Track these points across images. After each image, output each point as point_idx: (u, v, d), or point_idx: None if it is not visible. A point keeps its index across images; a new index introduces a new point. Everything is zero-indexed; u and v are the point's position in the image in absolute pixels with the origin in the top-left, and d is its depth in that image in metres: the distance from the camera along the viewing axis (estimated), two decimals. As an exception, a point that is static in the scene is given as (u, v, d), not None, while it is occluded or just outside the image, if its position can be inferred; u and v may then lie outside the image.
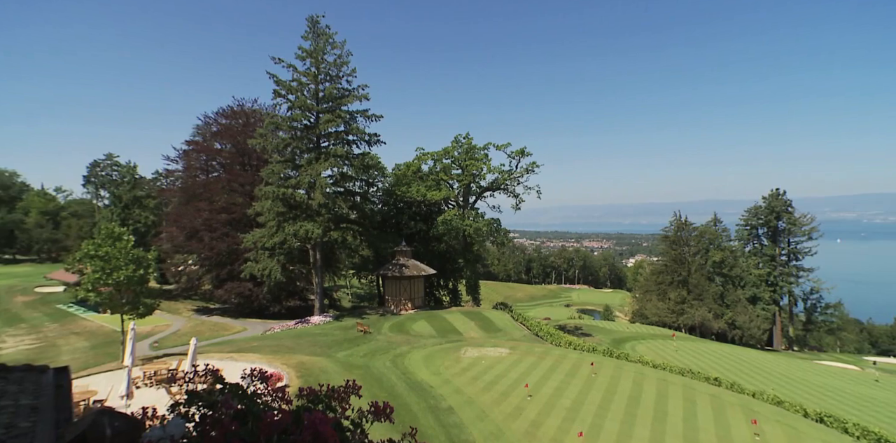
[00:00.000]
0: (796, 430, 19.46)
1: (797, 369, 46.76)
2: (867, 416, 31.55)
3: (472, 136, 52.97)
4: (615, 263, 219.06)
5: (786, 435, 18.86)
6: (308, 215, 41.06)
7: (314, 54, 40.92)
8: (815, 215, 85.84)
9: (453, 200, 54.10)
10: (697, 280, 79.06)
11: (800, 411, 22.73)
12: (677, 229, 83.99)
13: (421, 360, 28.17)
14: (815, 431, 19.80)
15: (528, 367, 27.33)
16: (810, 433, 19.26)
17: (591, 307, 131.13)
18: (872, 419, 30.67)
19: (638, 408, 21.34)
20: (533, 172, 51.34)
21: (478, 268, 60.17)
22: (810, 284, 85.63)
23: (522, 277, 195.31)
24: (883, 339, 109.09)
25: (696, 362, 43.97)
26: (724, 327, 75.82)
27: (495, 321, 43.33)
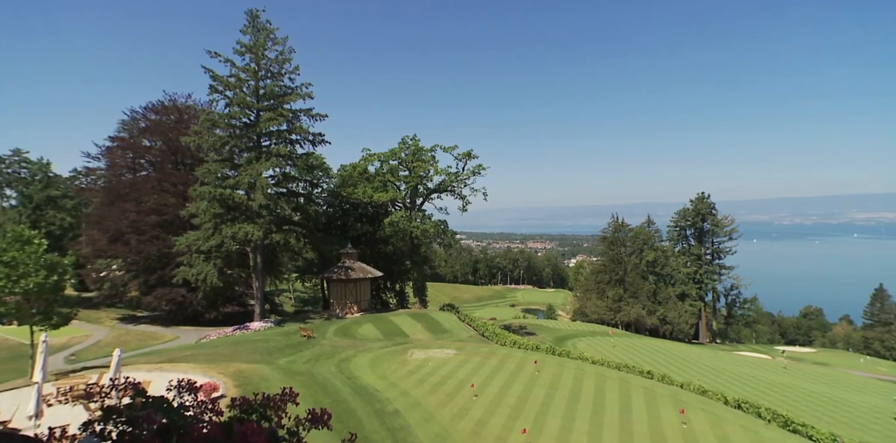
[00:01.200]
0: (718, 416, 21.03)
1: (719, 360, 50.56)
2: (777, 400, 34.71)
3: (419, 137, 53.03)
4: (558, 264, 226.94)
5: (709, 422, 20.33)
6: (248, 217, 39.29)
7: (254, 50, 39.30)
8: (734, 217, 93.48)
9: (400, 202, 53.82)
10: (633, 279, 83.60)
11: (721, 399, 24.59)
12: (615, 231, 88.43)
13: (367, 364, 27.74)
14: (733, 416, 21.50)
15: (474, 367, 27.65)
16: (729, 419, 20.89)
17: (536, 307, 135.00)
18: (782, 403, 33.77)
19: (578, 403, 22.19)
20: (479, 175, 52.13)
21: (425, 270, 60.13)
22: (731, 281, 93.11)
23: (469, 278, 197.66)
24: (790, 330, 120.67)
25: (632, 356, 46.42)
26: (657, 323, 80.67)
27: (442, 323, 43.51)
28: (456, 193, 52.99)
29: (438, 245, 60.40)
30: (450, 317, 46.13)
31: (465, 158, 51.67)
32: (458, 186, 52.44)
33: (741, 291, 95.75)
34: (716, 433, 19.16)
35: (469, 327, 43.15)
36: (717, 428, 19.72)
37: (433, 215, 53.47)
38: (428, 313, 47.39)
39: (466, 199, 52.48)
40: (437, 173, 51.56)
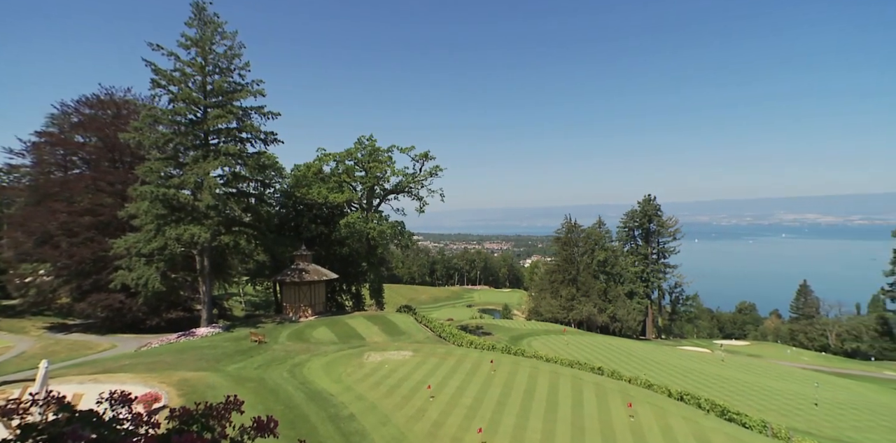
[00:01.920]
0: (662, 409, 22.09)
1: (664, 355, 53.18)
2: (716, 391, 36.94)
3: (375, 138, 52.50)
4: (513, 264, 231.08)
5: (654, 414, 21.32)
6: (194, 218, 37.43)
7: (201, 43, 37.54)
8: (678, 218, 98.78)
9: (357, 203, 53.02)
10: (585, 278, 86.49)
11: (665, 392, 25.86)
12: (568, 231, 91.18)
13: (321, 368, 27.12)
14: (676, 408, 22.65)
15: (431, 368, 27.64)
16: (673, 411, 22.00)
17: (492, 307, 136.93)
18: (720, 394, 35.97)
19: (533, 400, 22.66)
20: (436, 176, 52.21)
21: (382, 271, 59.54)
22: (675, 279, 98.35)
23: (426, 279, 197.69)
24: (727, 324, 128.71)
25: (584, 353, 47.98)
26: (607, 321, 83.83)
27: (399, 324, 43.23)
28: (413, 194, 52.83)
29: (395, 246, 59.97)
30: (407, 318, 45.91)
31: (423, 159, 51.64)
32: (416, 187, 52.32)
33: (684, 288, 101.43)
34: (660, 425, 20.12)
35: (426, 329, 43.12)
36: (661, 420, 20.70)
37: (390, 216, 53.09)
38: (384, 315, 46.96)
39: (423, 200, 52.46)
40: (394, 174, 51.22)
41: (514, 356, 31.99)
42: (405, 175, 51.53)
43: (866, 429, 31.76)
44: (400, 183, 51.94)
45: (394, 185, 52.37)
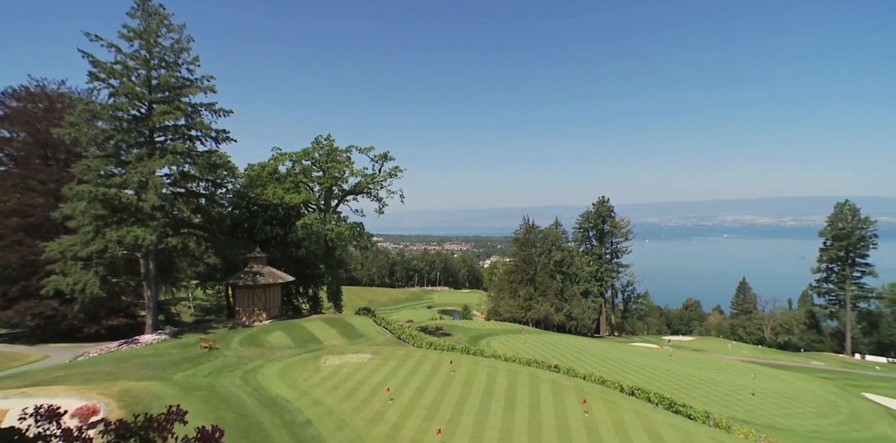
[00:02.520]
0: (615, 403, 22.91)
1: (616, 352, 55.16)
2: (664, 385, 38.69)
3: (333, 137, 51.49)
4: (473, 265, 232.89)
5: (607, 409, 22.08)
6: (138, 219, 35.35)
7: (145, 36, 35.55)
8: (630, 219, 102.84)
9: (314, 204, 51.80)
10: (542, 278, 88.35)
11: (618, 388, 26.82)
12: (526, 232, 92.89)
13: (276, 373, 26.30)
14: (628, 402, 23.55)
15: (390, 370, 27.41)
16: (625, 405, 22.86)
17: (452, 307, 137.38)
18: (667, 388, 37.71)
19: (491, 399, 22.92)
20: (396, 177, 51.80)
21: (340, 273, 58.42)
22: (627, 278, 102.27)
23: (386, 280, 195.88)
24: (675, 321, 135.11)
25: (541, 352, 49.00)
26: (563, 319, 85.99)
27: (358, 327, 42.60)
28: (372, 195, 52.20)
29: (354, 248, 58.96)
30: (366, 321, 45.32)
31: (382, 159, 51.13)
32: (375, 187, 51.71)
33: (635, 287, 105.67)
34: (612, 419, 20.84)
35: (385, 331, 42.71)
36: (613, 414, 21.46)
37: (349, 217, 52.21)
38: (343, 318, 46.15)
39: (383, 201, 51.93)
40: (353, 175, 50.41)
41: (474, 356, 32.25)
42: (364, 176, 50.85)
43: (796, 415, 34.21)
44: (359, 184, 51.20)
45: (352, 185, 51.57)
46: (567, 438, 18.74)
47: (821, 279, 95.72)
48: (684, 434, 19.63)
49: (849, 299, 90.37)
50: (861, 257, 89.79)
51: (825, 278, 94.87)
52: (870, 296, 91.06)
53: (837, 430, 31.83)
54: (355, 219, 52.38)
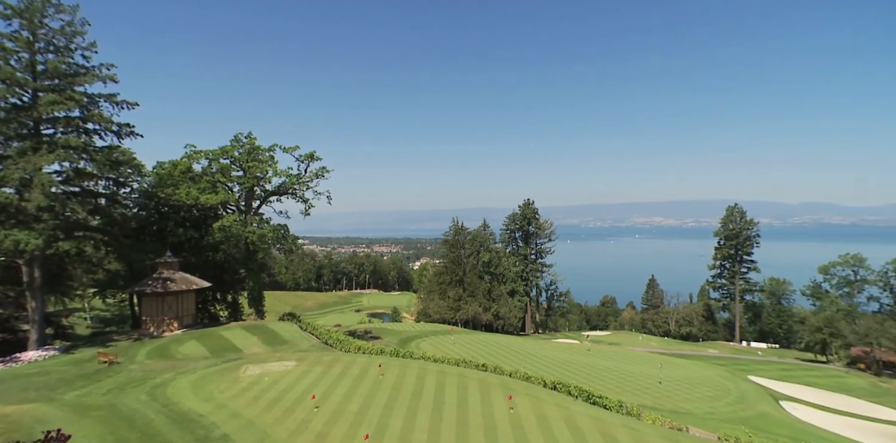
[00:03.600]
0: (538, 399, 23.88)
1: (541, 348, 57.64)
2: (583, 378, 41.05)
3: (255, 135, 48.85)
4: (403, 267, 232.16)
5: (531, 405, 22.96)
6: (20, 221, 31.15)
7: (27, 15, 31.47)
8: (553, 221, 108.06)
9: (233, 205, 48.73)
10: (471, 279, 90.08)
11: (541, 383, 27.97)
12: (455, 234, 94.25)
13: (189, 386, 24.40)
14: (551, 397, 24.65)
15: (316, 377, 26.51)
16: (547, 399, 23.91)
17: (381, 310, 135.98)
18: (586, 380, 40.04)
19: (420, 401, 22.93)
20: (323, 177, 50.21)
21: (262, 278, 55.47)
22: (550, 277, 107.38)
23: (313, 284, 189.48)
24: (594, 317, 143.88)
25: (470, 351, 49.92)
26: (491, 319, 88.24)
27: (281, 333, 40.74)
28: (298, 196, 50.19)
29: (278, 251, 56.30)
30: (290, 327, 43.48)
31: (308, 159, 49.34)
32: (301, 188, 49.75)
33: (558, 286, 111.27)
34: (536, 414, 21.71)
35: (311, 336, 41.27)
36: (537, 409, 22.36)
37: (272, 219, 49.77)
38: (265, 325, 43.89)
39: (309, 202, 50.11)
40: (277, 175, 48.12)
41: (403, 359, 32.08)
42: (289, 176, 48.76)
43: (694, 400, 37.84)
44: (283, 184, 49.01)
45: (276, 186, 49.24)
46: (493, 435, 19.23)
47: (715, 275, 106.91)
48: (600, 424, 20.92)
49: (737, 293, 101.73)
50: (747, 255, 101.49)
51: (719, 274, 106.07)
52: (754, 289, 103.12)
53: (728, 410, 35.62)
54: (279, 221, 50.10)
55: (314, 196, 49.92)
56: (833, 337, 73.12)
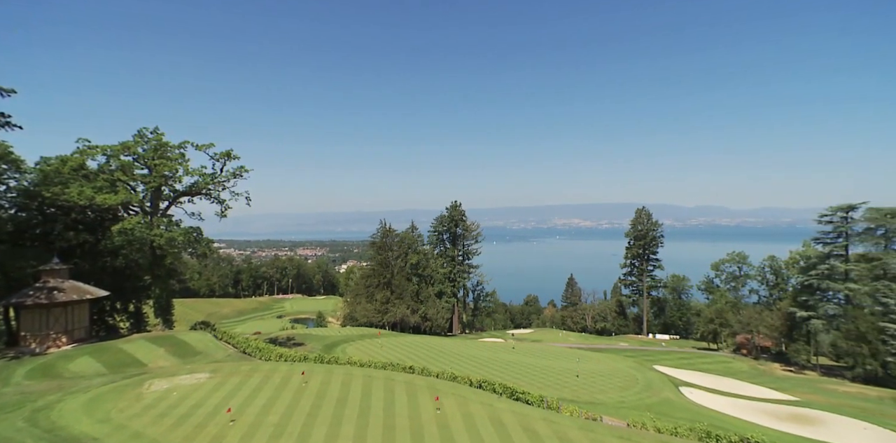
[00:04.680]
0: (464, 398, 24.29)
1: (467, 348, 58.69)
2: (507, 375, 42.41)
3: (163, 131, 44.92)
4: (329, 270, 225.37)
5: (458, 404, 23.29)
6: None
7: None
8: (479, 223, 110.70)
9: (137, 206, 44.29)
10: (399, 281, 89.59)
11: (467, 382, 28.47)
12: (383, 236, 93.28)
13: (80, 407, 21.83)
14: (476, 395, 25.17)
15: (232, 389, 24.91)
16: (473, 398, 24.39)
17: (305, 316, 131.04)
18: (510, 377, 41.40)
19: (345, 407, 22.37)
20: (241, 177, 47.28)
21: (171, 284, 51.06)
22: (477, 278, 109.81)
23: (230, 290, 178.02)
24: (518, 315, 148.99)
25: (397, 354, 49.59)
26: (419, 320, 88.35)
27: (193, 344, 37.81)
28: (213, 197, 46.90)
29: (190, 256, 52.20)
30: (203, 336, 40.49)
31: (224, 158, 46.25)
32: (216, 188, 46.50)
33: (484, 286, 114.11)
34: (462, 413, 22.06)
35: (227, 345, 38.74)
36: (463, 408, 22.73)
37: (183, 221, 46.06)
38: (174, 335, 40.48)
39: (226, 203, 47.02)
40: (189, 174, 44.55)
41: (328, 365, 31.14)
42: (203, 175, 45.39)
43: (607, 390, 40.58)
44: (196, 184, 45.53)
45: (188, 186, 45.63)
46: (420, 436, 19.23)
47: (626, 273, 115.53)
48: (522, 419, 21.72)
49: (645, 289, 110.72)
50: (653, 254, 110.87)
51: (629, 272, 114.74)
52: (659, 285, 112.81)
53: (636, 398, 38.60)
54: (192, 223, 46.51)
55: (231, 197, 46.98)
56: (722, 327, 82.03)
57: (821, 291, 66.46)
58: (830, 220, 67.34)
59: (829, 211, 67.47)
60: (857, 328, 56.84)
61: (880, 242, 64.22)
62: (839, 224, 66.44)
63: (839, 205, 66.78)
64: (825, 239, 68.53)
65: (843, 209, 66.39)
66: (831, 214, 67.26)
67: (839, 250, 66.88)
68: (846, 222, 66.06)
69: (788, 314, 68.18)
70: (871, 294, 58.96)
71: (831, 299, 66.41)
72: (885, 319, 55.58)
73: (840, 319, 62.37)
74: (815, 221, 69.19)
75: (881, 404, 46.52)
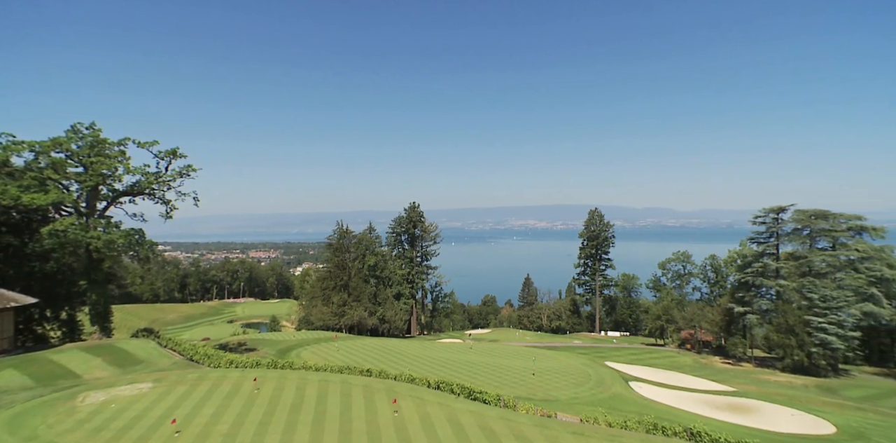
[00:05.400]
0: (422, 399, 24.24)
1: (425, 350, 58.61)
2: (465, 376, 42.70)
3: (100, 126, 42.01)
4: (283, 273, 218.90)
5: (415, 406, 23.22)
6: None
7: None
8: (438, 224, 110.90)
9: (71, 206, 41.15)
10: (356, 283, 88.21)
11: (425, 384, 28.42)
12: (340, 237, 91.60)
13: (2, 425, 20.09)
14: (434, 396, 25.17)
15: (177, 399, 23.70)
16: (431, 399, 24.38)
17: (258, 320, 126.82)
18: (468, 378, 41.72)
19: (300, 414, 21.79)
20: (188, 177, 44.94)
21: (110, 290, 47.89)
22: (435, 279, 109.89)
23: (176, 295, 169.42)
24: (476, 316, 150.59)
25: (354, 357, 48.84)
26: (377, 323, 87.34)
27: (134, 352, 35.67)
28: (157, 197, 44.37)
29: (131, 259, 49.17)
30: (146, 344, 38.29)
31: (170, 156, 43.82)
32: (161, 188, 43.99)
33: (443, 287, 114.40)
34: (420, 415, 22.01)
35: (173, 353, 36.81)
36: (421, 410, 22.68)
37: (123, 223, 43.26)
38: (113, 344, 38.02)
39: (172, 204, 44.62)
40: (130, 172, 41.84)
41: (282, 370, 30.22)
42: (146, 174, 42.82)
43: (562, 387, 41.69)
44: (138, 183, 42.91)
45: (129, 185, 42.92)
46: (377, 440, 19.02)
47: (580, 273, 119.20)
48: (480, 418, 21.93)
49: (597, 288, 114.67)
50: (605, 254, 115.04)
51: (583, 272, 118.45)
52: (610, 284, 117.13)
53: (589, 394, 39.88)
54: (133, 224, 43.79)
55: (178, 197, 44.64)
56: (668, 323, 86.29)
57: (755, 288, 71.26)
58: (763, 221, 72.38)
59: (762, 212, 72.53)
60: (787, 322, 61.29)
61: (806, 241, 69.71)
62: (771, 225, 71.52)
63: (771, 207, 71.91)
64: (759, 239, 73.57)
65: (774, 211, 71.52)
66: (764, 215, 72.31)
67: (771, 249, 71.98)
68: (777, 223, 71.20)
69: (727, 310, 72.63)
70: (799, 290, 63.77)
71: (764, 295, 71.35)
72: (810, 312, 60.24)
73: (772, 313, 67.08)
74: (751, 221, 74.19)
75: (806, 391, 50.45)
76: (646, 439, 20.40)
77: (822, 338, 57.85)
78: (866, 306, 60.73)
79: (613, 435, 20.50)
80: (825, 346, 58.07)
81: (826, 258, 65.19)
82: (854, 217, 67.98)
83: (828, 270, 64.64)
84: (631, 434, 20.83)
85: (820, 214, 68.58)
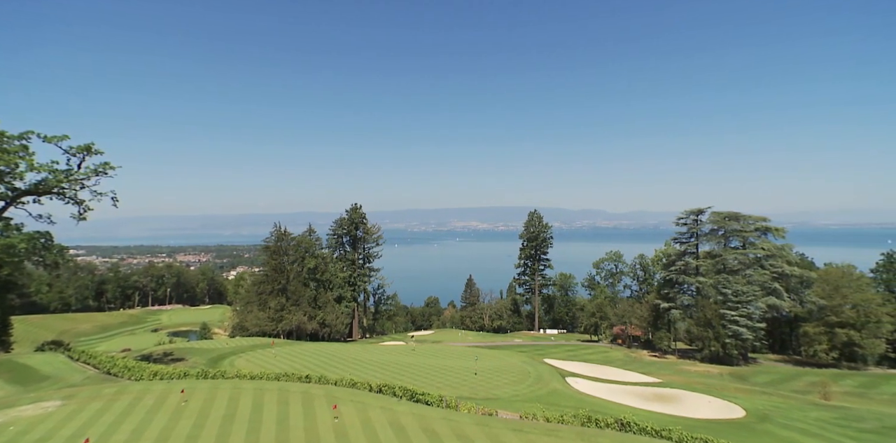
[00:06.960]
0: (364, 404, 23.82)
1: (367, 353, 57.72)
2: (408, 378, 42.52)
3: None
4: (215, 277, 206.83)
5: (357, 411, 22.76)
6: None
7: None
8: (380, 226, 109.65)
9: (-38, 205, 36.62)
10: (295, 287, 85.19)
11: (367, 387, 27.97)
12: (277, 240, 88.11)
13: None
14: (375, 400, 24.82)
15: (91, 416, 21.69)
16: (373, 403, 24.02)
17: (187, 328, 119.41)
18: (411, 380, 41.56)
19: (233, 425, 20.67)
20: (105, 175, 41.20)
21: (10, 299, 42.98)
22: (378, 281, 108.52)
23: (91, 303, 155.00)
24: (419, 317, 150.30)
25: (293, 363, 47.09)
26: (317, 327, 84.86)
27: (39, 368, 32.25)
28: (68, 197, 40.34)
29: (36, 265, 44.42)
30: (53, 358, 34.76)
31: (83, 152, 39.96)
32: (72, 187, 40.04)
33: (385, 289, 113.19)
34: (361, 419, 21.61)
35: (87, 367, 33.69)
36: (362, 414, 22.27)
37: (26, 225, 38.95)
38: (12, 359, 34.17)
39: (86, 204, 40.74)
40: (34, 169, 37.80)
41: (213, 380, 28.52)
42: (53, 172, 38.79)
43: (503, 386, 42.63)
44: (45, 181, 38.82)
45: (33, 183, 38.75)
46: (316, 448, 18.46)
47: (520, 273, 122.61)
48: (422, 420, 21.89)
49: (537, 287, 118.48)
50: (544, 254, 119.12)
51: (523, 272, 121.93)
52: (549, 284, 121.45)
53: (528, 391, 41.07)
54: (38, 227, 39.55)
55: (92, 197, 40.83)
56: (602, 320, 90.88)
57: (678, 285, 76.86)
58: (685, 222, 78.28)
59: (684, 214, 78.43)
60: (705, 316, 66.63)
61: (721, 240, 76.17)
62: (692, 226, 77.49)
63: (691, 209, 77.92)
64: (681, 239, 79.45)
65: (694, 213, 77.56)
66: (685, 217, 78.23)
67: (692, 249, 77.97)
68: (697, 224, 77.26)
69: (654, 306, 77.73)
70: (715, 286, 69.52)
71: (686, 291, 77.14)
72: (725, 306, 65.87)
73: (693, 308, 72.65)
74: (674, 223, 79.96)
75: (722, 379, 55.06)
76: (581, 431, 21.31)
77: (735, 330, 63.44)
78: (770, 300, 67.32)
79: (551, 429, 21.23)
80: (737, 337, 63.71)
81: (738, 256, 71.53)
82: (760, 218, 75.15)
83: (739, 267, 70.93)
84: (567, 428, 21.68)
85: (732, 215, 75.17)
